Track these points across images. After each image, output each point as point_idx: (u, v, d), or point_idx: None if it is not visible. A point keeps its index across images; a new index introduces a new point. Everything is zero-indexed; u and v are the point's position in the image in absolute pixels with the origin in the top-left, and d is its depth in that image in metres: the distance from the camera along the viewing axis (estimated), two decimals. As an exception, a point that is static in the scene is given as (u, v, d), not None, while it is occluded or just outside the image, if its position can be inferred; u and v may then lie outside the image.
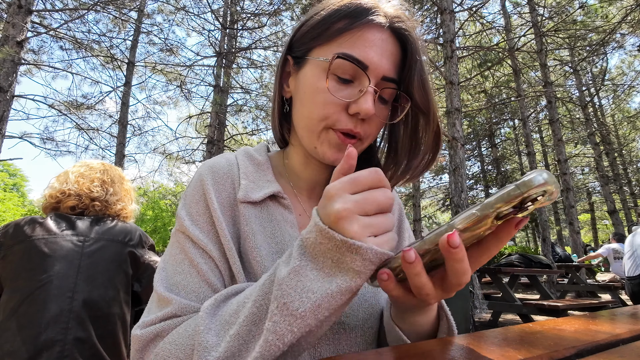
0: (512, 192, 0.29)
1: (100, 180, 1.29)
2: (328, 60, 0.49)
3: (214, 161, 0.57)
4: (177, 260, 0.49)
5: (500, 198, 0.30)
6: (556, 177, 0.33)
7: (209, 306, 0.40)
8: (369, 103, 0.48)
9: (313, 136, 0.53)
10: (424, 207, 17.18)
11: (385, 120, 0.54)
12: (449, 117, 5.62)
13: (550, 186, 0.29)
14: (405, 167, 0.56)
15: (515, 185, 0.29)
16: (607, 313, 0.57)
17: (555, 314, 3.62)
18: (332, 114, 0.50)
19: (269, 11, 9.04)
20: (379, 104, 0.53)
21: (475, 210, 0.31)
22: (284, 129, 0.62)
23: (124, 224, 1.26)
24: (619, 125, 16.82)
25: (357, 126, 0.51)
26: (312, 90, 0.51)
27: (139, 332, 0.43)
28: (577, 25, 9.09)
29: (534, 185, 0.28)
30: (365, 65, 0.49)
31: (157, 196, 17.15)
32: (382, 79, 0.50)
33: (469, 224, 0.31)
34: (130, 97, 9.14)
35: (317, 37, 0.52)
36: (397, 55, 0.52)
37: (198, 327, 0.38)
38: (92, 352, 1.01)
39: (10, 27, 5.30)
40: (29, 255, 1.06)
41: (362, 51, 0.49)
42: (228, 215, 0.52)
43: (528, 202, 0.30)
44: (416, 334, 0.46)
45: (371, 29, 0.50)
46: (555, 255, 7.45)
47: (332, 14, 0.51)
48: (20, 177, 30.06)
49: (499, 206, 0.30)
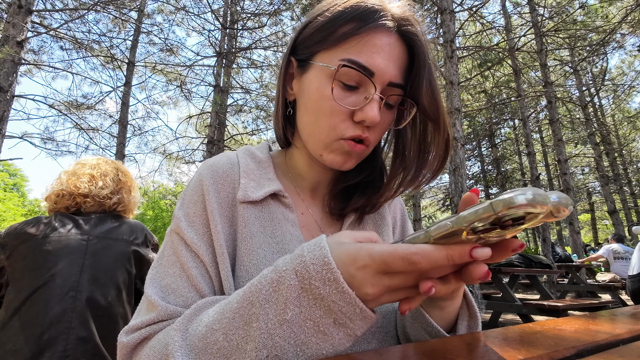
0: (485, 210, 0.26)
1: (89, 175, 1.26)
2: (334, 68, 0.48)
3: (215, 160, 0.56)
4: (170, 262, 0.49)
5: (472, 214, 0.27)
6: (557, 178, 0.29)
7: (181, 321, 0.40)
8: (374, 111, 0.48)
9: (320, 145, 0.52)
10: (424, 207, 17.17)
11: (389, 125, 0.54)
12: (449, 117, 5.61)
13: (533, 209, 0.25)
14: (414, 173, 0.55)
15: (489, 203, 0.26)
16: (607, 313, 0.58)
17: (555, 314, 3.61)
18: (339, 122, 0.50)
19: (269, 11, 9.03)
20: (384, 109, 0.52)
21: (449, 221, 0.30)
22: (287, 130, 0.61)
23: (130, 222, 1.26)
24: (619, 125, 16.80)
25: (365, 132, 0.50)
26: (317, 97, 0.51)
27: (124, 339, 0.43)
28: (577, 25, 9.08)
29: (513, 204, 0.25)
30: (371, 72, 0.48)
31: (157, 196, 17.14)
32: (388, 84, 0.50)
33: (443, 233, 0.30)
34: (130, 97, 9.13)
35: (322, 41, 0.51)
36: (404, 59, 0.51)
37: (168, 346, 0.38)
38: (95, 352, 1.01)
39: (11, 27, 5.30)
40: (33, 255, 1.06)
41: (369, 57, 0.48)
42: (226, 217, 0.51)
43: (506, 223, 0.27)
44: (445, 320, 0.46)
45: (378, 33, 0.49)
46: (556, 255, 7.45)
47: (338, 16, 0.49)
48: (20, 177, 30.03)
49: (471, 221, 0.28)
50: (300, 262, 0.34)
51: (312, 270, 0.33)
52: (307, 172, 0.60)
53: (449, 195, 6.62)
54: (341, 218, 0.60)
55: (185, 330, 0.39)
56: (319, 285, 0.32)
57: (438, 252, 0.30)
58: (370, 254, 0.32)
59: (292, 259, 0.35)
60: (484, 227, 0.28)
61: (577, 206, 16.79)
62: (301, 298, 0.33)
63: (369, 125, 0.49)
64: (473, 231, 0.29)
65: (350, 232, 0.37)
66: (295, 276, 0.33)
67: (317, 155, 0.54)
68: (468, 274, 0.33)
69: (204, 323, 0.37)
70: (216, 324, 0.36)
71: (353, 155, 0.52)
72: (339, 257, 0.33)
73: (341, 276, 0.32)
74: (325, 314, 0.33)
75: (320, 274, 0.32)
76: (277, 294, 0.34)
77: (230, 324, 0.35)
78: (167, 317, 0.43)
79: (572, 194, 8.46)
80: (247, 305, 0.35)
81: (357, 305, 0.32)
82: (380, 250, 0.31)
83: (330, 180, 0.62)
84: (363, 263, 0.32)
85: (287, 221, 0.54)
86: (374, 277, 0.32)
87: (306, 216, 0.58)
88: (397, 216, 0.68)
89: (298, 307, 0.33)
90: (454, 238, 0.30)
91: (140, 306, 0.48)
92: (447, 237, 0.30)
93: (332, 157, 0.52)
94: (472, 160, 17.69)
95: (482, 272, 0.32)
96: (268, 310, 0.33)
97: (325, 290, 0.32)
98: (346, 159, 0.52)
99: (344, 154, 0.52)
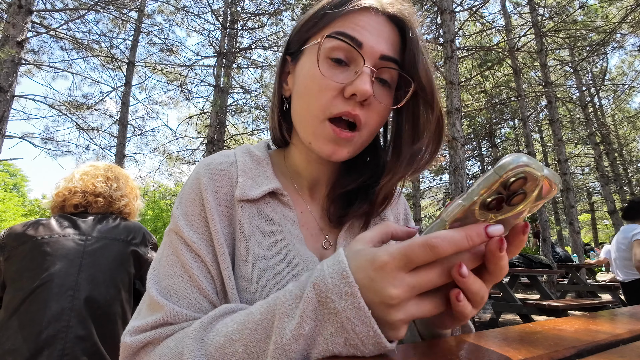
0: (490, 177, 0.28)
1: (105, 176, 1.33)
2: (319, 41, 0.48)
3: (212, 159, 0.55)
4: (170, 262, 0.48)
5: (481, 184, 0.29)
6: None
7: (196, 329, 0.38)
8: (365, 84, 0.45)
9: (309, 130, 0.51)
10: (424, 207, 17.19)
11: (389, 106, 0.51)
12: (449, 117, 5.62)
13: (530, 168, 0.28)
14: (409, 159, 0.51)
15: (492, 170, 0.29)
16: (607, 313, 0.57)
17: (555, 314, 3.61)
18: (329, 100, 0.48)
19: (269, 11, 9.04)
20: (380, 87, 0.50)
21: (461, 200, 0.31)
22: (283, 128, 0.60)
23: (128, 223, 1.27)
24: (619, 125, 16.80)
25: (355, 109, 0.47)
26: (307, 79, 0.50)
27: (128, 340, 0.42)
28: (577, 25, 9.08)
29: (509, 167, 0.27)
30: (359, 42, 0.47)
31: (157, 196, 17.14)
32: (380, 58, 0.48)
33: (458, 214, 0.31)
34: (130, 97, 9.14)
35: (311, 28, 0.52)
36: (394, 38, 0.50)
37: (182, 355, 0.37)
38: (93, 351, 1.01)
39: (11, 27, 5.30)
40: (32, 255, 1.07)
41: (356, 31, 0.47)
42: (224, 215, 0.50)
43: (512, 188, 0.29)
44: (433, 333, 0.45)
45: (364, 13, 0.48)
46: (556, 255, 7.44)
47: (325, 5, 0.51)
48: (20, 177, 30.03)
49: (482, 192, 0.29)
50: (319, 275, 0.33)
51: (329, 283, 0.32)
52: (305, 168, 0.58)
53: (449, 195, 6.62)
54: (340, 225, 0.58)
55: (201, 339, 0.37)
56: (335, 299, 0.31)
57: (456, 233, 0.30)
58: (388, 251, 0.31)
59: (313, 272, 0.35)
60: (492, 200, 0.30)
61: (577, 206, 16.78)
62: (317, 311, 0.32)
63: (360, 100, 0.47)
64: (484, 207, 0.30)
65: (365, 234, 0.37)
66: (312, 289, 0.32)
67: (307, 144, 0.52)
68: (493, 264, 0.32)
69: (222, 333, 0.36)
70: (236, 334, 0.35)
71: (342, 143, 0.49)
72: (359, 265, 0.32)
73: (359, 291, 0.31)
74: (337, 331, 0.31)
75: (338, 287, 0.31)
76: (297, 309, 0.33)
77: (252, 335, 0.34)
78: (173, 320, 0.42)
79: (572, 194, 8.46)
80: (269, 318, 0.34)
81: (372, 326, 0.30)
82: (398, 246, 0.31)
83: (330, 178, 0.60)
84: (381, 262, 0.31)
85: (286, 220, 0.53)
86: (395, 276, 0.30)
87: (305, 215, 0.57)
88: (400, 215, 0.67)
89: (314, 321, 0.32)
90: (467, 220, 0.32)
91: (140, 306, 0.47)
92: (461, 220, 0.32)
93: (320, 145, 0.50)
94: (472, 160, 17.70)
95: (505, 264, 0.32)
96: (287, 324, 0.32)
97: (340, 305, 0.31)
98: (335, 148, 0.49)
99: (332, 143, 0.49)
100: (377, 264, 0.31)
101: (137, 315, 0.46)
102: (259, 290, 0.46)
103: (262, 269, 0.48)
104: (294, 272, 0.49)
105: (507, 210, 0.31)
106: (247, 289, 0.47)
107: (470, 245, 0.30)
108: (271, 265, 0.48)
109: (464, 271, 0.31)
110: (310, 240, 0.56)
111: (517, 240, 0.33)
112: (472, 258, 0.33)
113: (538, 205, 0.31)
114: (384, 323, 0.31)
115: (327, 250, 0.56)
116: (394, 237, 0.39)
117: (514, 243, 0.33)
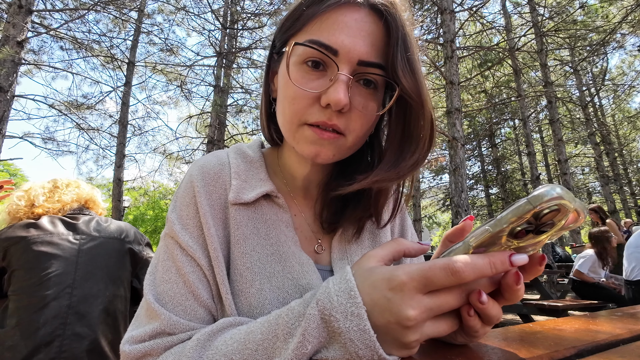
0: (524, 207, 0.28)
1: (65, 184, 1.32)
2: (288, 50, 0.45)
3: (205, 161, 0.53)
4: (165, 267, 0.47)
5: (512, 212, 0.29)
6: (557, 178, 0.30)
7: (194, 347, 0.38)
8: (339, 93, 0.42)
9: (289, 135, 0.48)
10: (424, 207, 17.17)
11: (373, 112, 0.47)
12: (449, 117, 5.62)
13: (565, 201, 0.27)
14: (393, 163, 0.47)
15: (526, 200, 0.28)
16: (607, 313, 0.57)
17: (555, 314, 3.61)
18: (303, 108, 0.45)
19: (269, 11, 9.03)
20: (363, 90, 0.46)
21: (488, 226, 0.30)
22: (272, 129, 0.58)
23: (119, 222, 1.29)
24: (619, 125, 16.79)
25: (333, 118, 0.44)
26: (283, 85, 0.48)
27: (127, 349, 0.42)
28: (578, 25, 9.08)
29: (545, 198, 0.27)
30: (334, 49, 0.43)
31: (157, 196, 17.14)
32: (358, 63, 0.44)
33: (483, 240, 0.31)
34: (130, 97, 9.14)
35: (290, 28, 0.48)
36: (378, 35, 0.45)
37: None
38: (92, 347, 1.02)
39: (11, 27, 5.30)
40: (27, 255, 1.07)
41: (331, 35, 0.43)
42: (219, 219, 0.49)
43: (543, 220, 0.29)
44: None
45: (343, 9, 0.44)
46: (556, 255, 7.44)
47: (302, 1, 0.46)
48: (20, 177, 29.97)
49: (512, 221, 0.29)
50: (324, 292, 0.32)
51: (335, 302, 0.31)
52: (297, 169, 0.56)
53: (449, 195, 6.62)
54: (332, 232, 0.56)
55: (200, 357, 0.36)
56: (339, 318, 0.30)
57: (480, 260, 0.29)
58: (406, 272, 0.30)
59: (318, 290, 0.34)
60: (520, 229, 0.29)
61: (577, 206, 16.69)
62: (320, 329, 0.31)
63: (336, 109, 0.43)
64: (511, 234, 0.30)
65: (376, 251, 0.35)
66: (316, 305, 0.31)
67: (293, 146, 0.50)
68: (509, 293, 0.32)
69: (221, 352, 0.35)
70: (237, 355, 0.34)
71: (325, 144, 0.46)
72: (373, 283, 0.31)
73: (366, 313, 0.30)
74: (338, 354, 0.30)
75: (343, 305, 0.30)
76: (299, 327, 0.32)
77: (253, 356, 0.33)
78: (170, 330, 0.42)
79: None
80: (271, 338, 0.33)
81: (376, 351, 0.29)
82: (418, 267, 0.30)
83: (322, 179, 0.58)
84: (399, 282, 0.30)
85: (281, 222, 0.52)
86: (413, 297, 0.29)
87: (299, 218, 0.56)
88: (396, 228, 0.65)
89: (316, 339, 0.31)
90: (492, 245, 0.31)
91: (139, 312, 0.46)
92: (486, 246, 0.31)
93: (302, 147, 0.47)
94: (472, 160, 17.70)
95: (521, 292, 0.32)
96: (290, 344, 0.31)
97: (345, 325, 0.30)
98: (318, 149, 0.46)
99: (314, 144, 0.46)
100: (395, 283, 0.30)
101: (136, 322, 0.45)
102: (255, 293, 0.46)
103: (257, 272, 0.47)
104: (290, 275, 0.48)
105: (531, 238, 0.30)
106: (243, 293, 0.46)
107: (493, 273, 0.30)
108: (266, 268, 0.48)
109: (484, 299, 0.31)
110: (304, 243, 0.55)
111: (533, 270, 0.33)
112: (490, 283, 0.33)
113: (559, 234, 0.31)
114: (398, 344, 0.30)
115: (320, 254, 0.55)
116: (406, 255, 0.38)
117: (530, 272, 0.33)
